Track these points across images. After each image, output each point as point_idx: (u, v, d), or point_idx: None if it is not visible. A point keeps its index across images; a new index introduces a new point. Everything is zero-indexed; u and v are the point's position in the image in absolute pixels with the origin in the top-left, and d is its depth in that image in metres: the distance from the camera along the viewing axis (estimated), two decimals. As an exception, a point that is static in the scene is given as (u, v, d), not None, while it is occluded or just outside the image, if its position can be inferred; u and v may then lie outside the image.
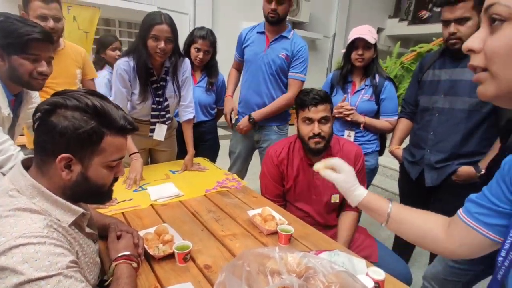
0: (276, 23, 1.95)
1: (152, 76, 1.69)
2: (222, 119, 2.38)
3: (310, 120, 1.41)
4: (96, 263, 0.83)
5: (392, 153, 1.84)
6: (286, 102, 2.03)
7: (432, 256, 1.83)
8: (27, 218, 0.65)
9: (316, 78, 7.53)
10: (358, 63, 1.80)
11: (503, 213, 0.60)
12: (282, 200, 1.58)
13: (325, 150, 1.45)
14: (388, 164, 3.61)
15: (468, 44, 0.49)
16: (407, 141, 1.82)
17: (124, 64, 1.63)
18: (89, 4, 4.09)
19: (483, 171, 1.36)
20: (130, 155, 1.68)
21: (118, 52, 2.51)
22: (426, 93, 1.60)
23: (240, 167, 2.30)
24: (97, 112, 0.72)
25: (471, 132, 1.44)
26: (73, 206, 0.75)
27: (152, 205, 1.41)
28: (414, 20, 8.84)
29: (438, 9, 1.51)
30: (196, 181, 1.71)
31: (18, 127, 1.38)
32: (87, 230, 0.82)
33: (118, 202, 1.40)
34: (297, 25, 6.96)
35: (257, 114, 2.06)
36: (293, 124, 1.61)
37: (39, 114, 0.71)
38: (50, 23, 1.62)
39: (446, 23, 1.44)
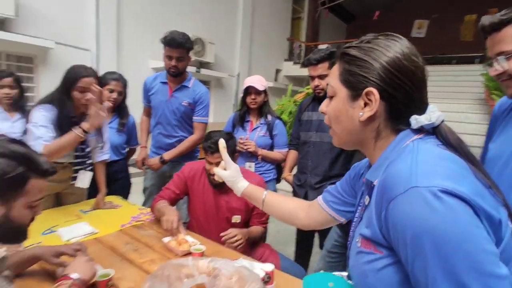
0: (176, 76, 2.21)
1: (75, 124, 1.68)
2: (134, 157, 2.47)
3: (210, 163, 1.67)
4: None
5: (285, 179, 2.24)
6: (192, 144, 2.28)
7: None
8: None
9: (224, 114, 8.02)
10: (252, 105, 2.20)
11: (347, 202, 0.89)
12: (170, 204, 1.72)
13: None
14: (288, 188, 4.11)
15: (320, 108, 0.77)
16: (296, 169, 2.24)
17: (48, 111, 1.61)
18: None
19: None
20: None
21: (6, 90, 2.22)
22: (304, 130, 2.06)
23: (153, 202, 2.41)
24: (23, 158, 0.82)
25: (335, 159, 1.93)
26: None
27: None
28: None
29: None
30: (111, 218, 1.77)
31: None
32: (6, 273, 0.87)
33: (25, 248, 1.38)
34: (203, 64, 7.43)
35: (167, 155, 2.25)
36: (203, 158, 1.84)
37: None
38: None
39: (312, 78, 1.94)
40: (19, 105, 2.26)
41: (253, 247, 1.74)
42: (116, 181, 2.27)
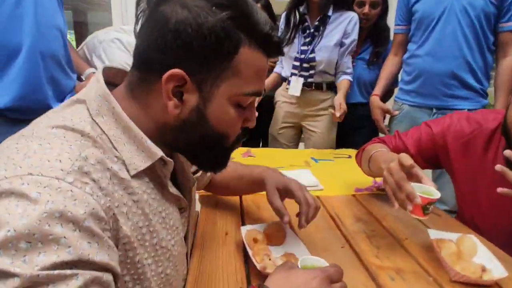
0: None
1: (305, 22, 1.57)
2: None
3: None
4: (180, 252, 0.51)
5: None
6: None
7: None
8: (57, 146, 0.38)
9: None
10: None
11: None
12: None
13: None
14: None
15: None
16: None
17: None
18: None
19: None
20: None
21: None
22: None
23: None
24: (233, 4, 0.41)
25: None
26: (153, 146, 0.44)
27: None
28: None
29: None
30: (344, 175, 1.25)
31: None
32: (172, 189, 0.49)
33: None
34: None
35: None
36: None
37: (144, 2, 0.44)
38: None
39: None
40: None
41: None
42: (361, 129, 1.78)
